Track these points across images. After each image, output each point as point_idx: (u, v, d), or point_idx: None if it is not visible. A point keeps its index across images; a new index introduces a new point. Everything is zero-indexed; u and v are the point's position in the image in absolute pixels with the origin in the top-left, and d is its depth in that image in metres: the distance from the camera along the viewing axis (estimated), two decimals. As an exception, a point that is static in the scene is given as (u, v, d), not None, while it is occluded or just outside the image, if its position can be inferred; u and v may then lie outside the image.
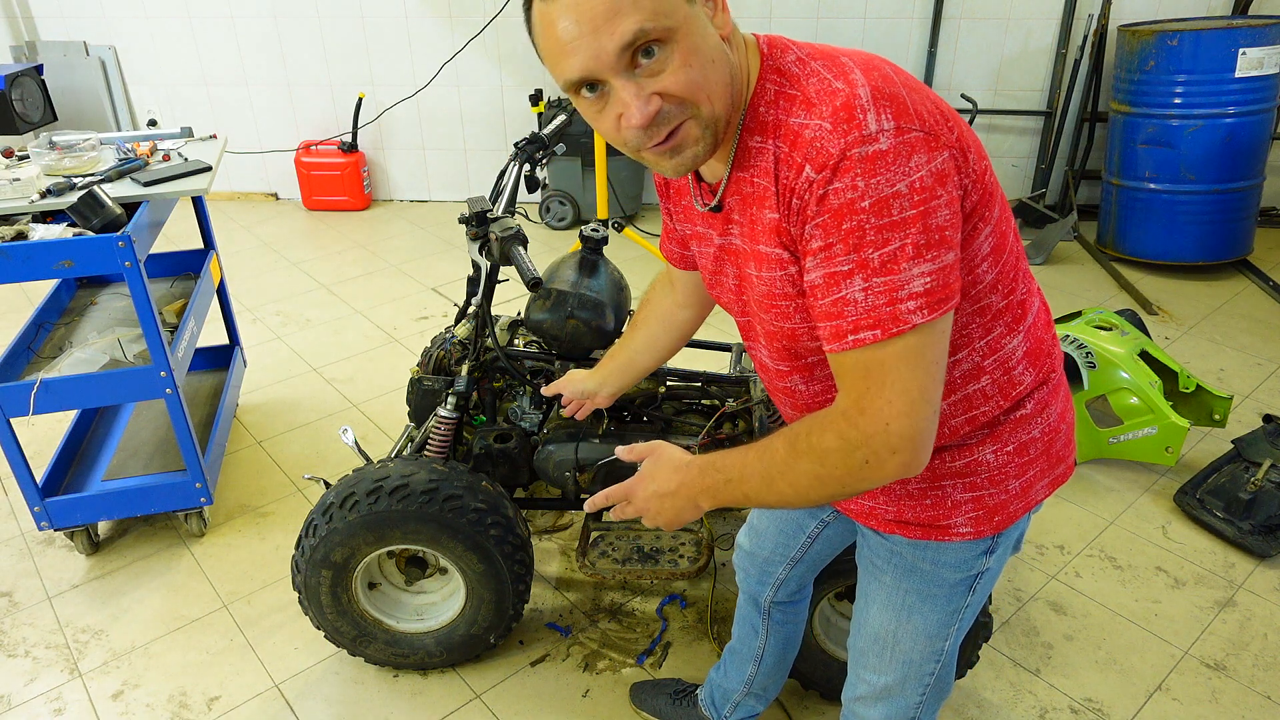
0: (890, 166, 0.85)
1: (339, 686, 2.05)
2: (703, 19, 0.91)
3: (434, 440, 2.01)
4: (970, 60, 4.58)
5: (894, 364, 0.90)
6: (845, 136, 0.86)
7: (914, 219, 0.86)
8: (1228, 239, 3.99)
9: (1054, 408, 1.13)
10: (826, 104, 0.89)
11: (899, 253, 0.86)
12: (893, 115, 0.86)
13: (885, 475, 0.94)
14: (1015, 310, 1.05)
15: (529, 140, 2.06)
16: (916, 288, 0.87)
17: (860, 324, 0.89)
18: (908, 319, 0.88)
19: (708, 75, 0.91)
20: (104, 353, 2.36)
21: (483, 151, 5.08)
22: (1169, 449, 2.63)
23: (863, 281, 0.88)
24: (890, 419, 0.91)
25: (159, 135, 2.74)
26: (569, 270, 2.01)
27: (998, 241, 0.99)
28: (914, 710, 1.31)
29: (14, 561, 2.45)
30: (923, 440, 0.92)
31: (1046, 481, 1.15)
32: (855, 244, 0.87)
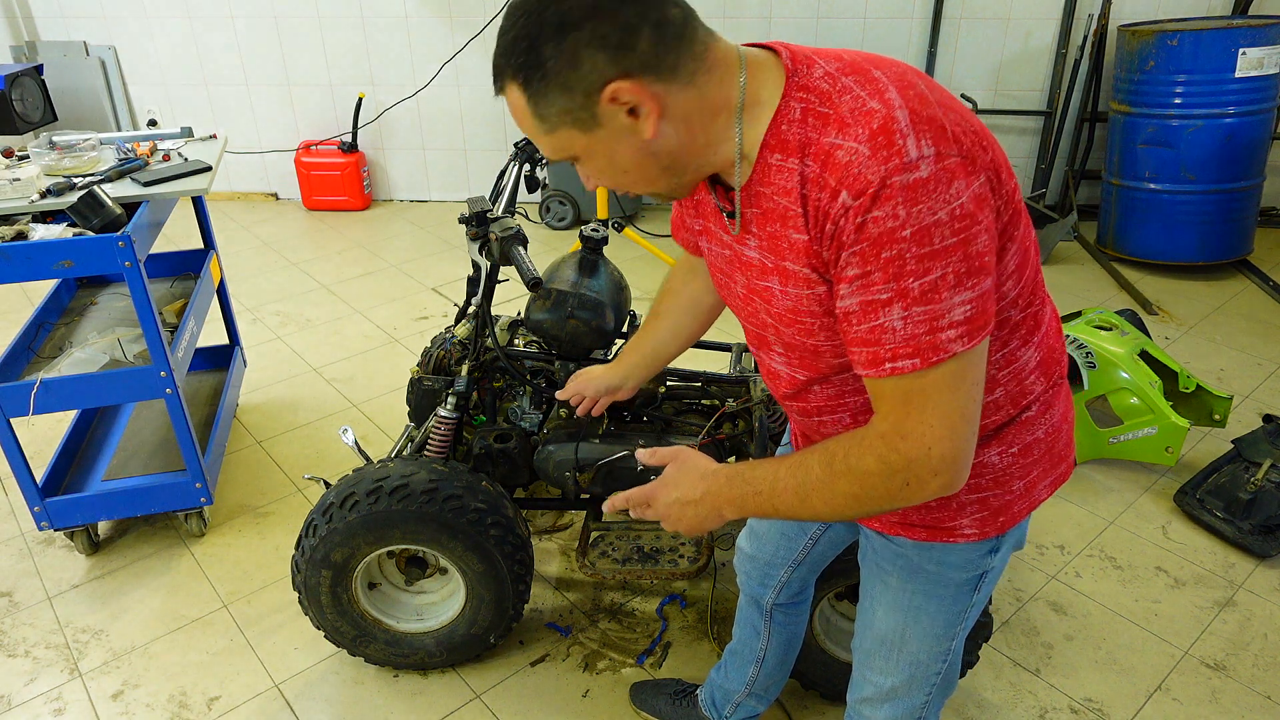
0: (932, 195, 0.84)
1: (339, 686, 2.05)
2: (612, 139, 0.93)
3: (434, 440, 2.01)
4: (970, 60, 4.58)
5: (934, 390, 0.89)
6: (886, 164, 0.84)
7: (955, 247, 0.85)
8: (1228, 239, 3.99)
9: (1057, 408, 1.13)
10: (863, 126, 0.86)
11: (940, 282, 0.86)
12: (932, 141, 0.85)
13: (926, 496, 0.94)
14: (1031, 322, 1.06)
15: (529, 140, 2.06)
16: (957, 316, 0.87)
17: (899, 352, 0.88)
18: (948, 348, 0.87)
19: (625, 179, 0.98)
20: (104, 353, 2.36)
21: (483, 151, 5.08)
22: (1169, 449, 2.63)
23: (902, 310, 0.87)
24: (932, 443, 0.90)
25: (159, 135, 2.74)
26: (569, 270, 2.01)
27: (1022, 258, 0.99)
28: (920, 710, 1.31)
29: (14, 561, 2.45)
30: (964, 461, 0.93)
31: (1049, 481, 1.15)
32: (895, 273, 0.86)
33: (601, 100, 0.89)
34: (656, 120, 0.91)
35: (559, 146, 0.95)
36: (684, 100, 0.92)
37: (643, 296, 3.90)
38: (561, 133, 0.93)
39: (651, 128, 0.91)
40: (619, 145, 0.94)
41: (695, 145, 0.96)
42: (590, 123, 0.92)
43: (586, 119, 0.91)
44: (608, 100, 0.89)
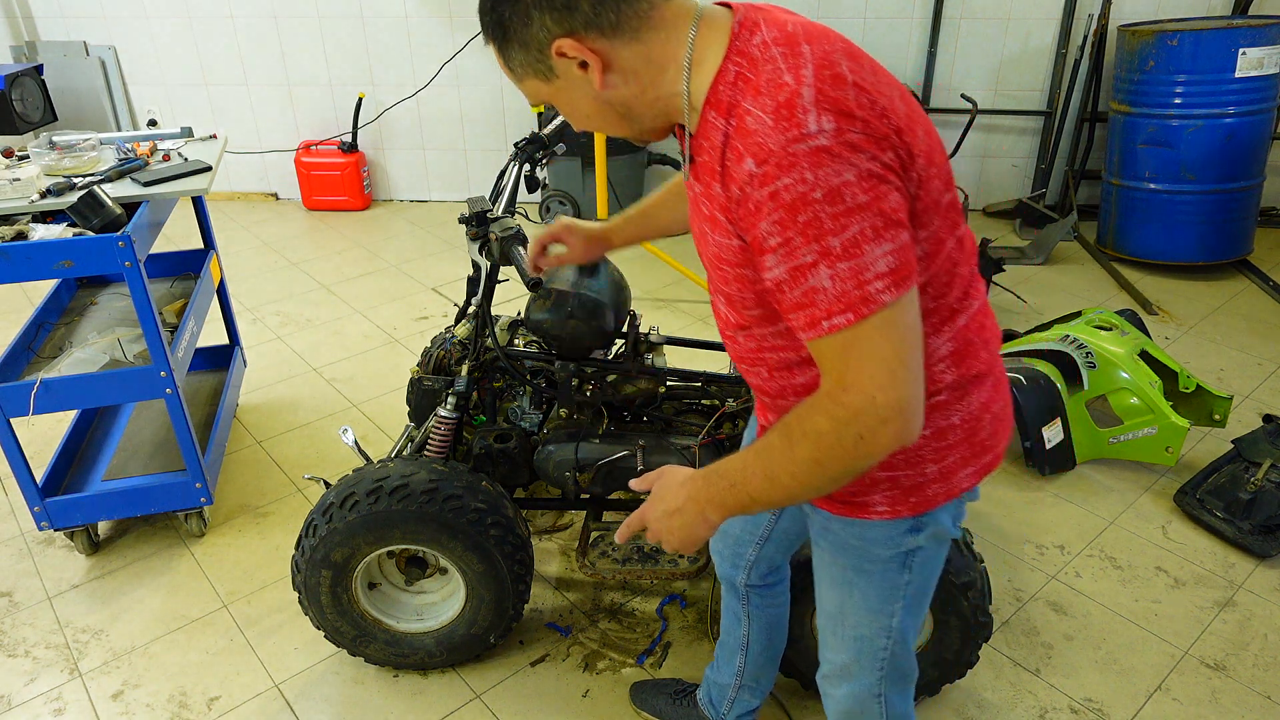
0: (836, 159, 0.89)
1: (339, 686, 2.05)
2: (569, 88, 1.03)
3: (434, 440, 2.01)
4: (970, 60, 4.58)
5: (869, 341, 0.92)
6: (786, 133, 0.90)
7: (869, 204, 0.90)
8: (1228, 239, 3.99)
9: (975, 397, 1.15)
10: (772, 97, 0.92)
11: (859, 236, 0.90)
12: (833, 118, 0.90)
13: (881, 447, 0.95)
14: (943, 313, 1.08)
15: (529, 140, 2.06)
16: (881, 268, 0.91)
17: (833, 310, 0.92)
18: (878, 299, 0.91)
19: (589, 123, 1.09)
20: (104, 353, 2.36)
21: (483, 151, 5.08)
22: (1169, 449, 2.63)
23: (828, 269, 0.91)
24: (875, 391, 0.93)
25: (159, 135, 2.74)
26: (569, 270, 2.01)
27: (931, 249, 1.03)
28: (876, 688, 1.34)
29: (14, 561, 2.45)
30: (911, 406, 0.95)
31: (971, 470, 1.18)
32: (815, 234, 0.90)
33: (552, 55, 1.00)
34: (601, 74, 1.00)
35: (531, 93, 1.07)
36: (629, 55, 1.00)
37: (643, 296, 3.90)
38: (528, 82, 1.05)
39: (598, 80, 1.00)
40: (575, 94, 1.04)
41: (646, 96, 1.03)
42: (549, 74, 1.03)
43: (545, 71, 1.02)
44: (557, 55, 0.99)
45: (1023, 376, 2.71)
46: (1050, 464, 2.71)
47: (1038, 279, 4.07)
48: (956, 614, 1.78)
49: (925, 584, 1.26)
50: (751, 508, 1.07)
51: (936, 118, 4.72)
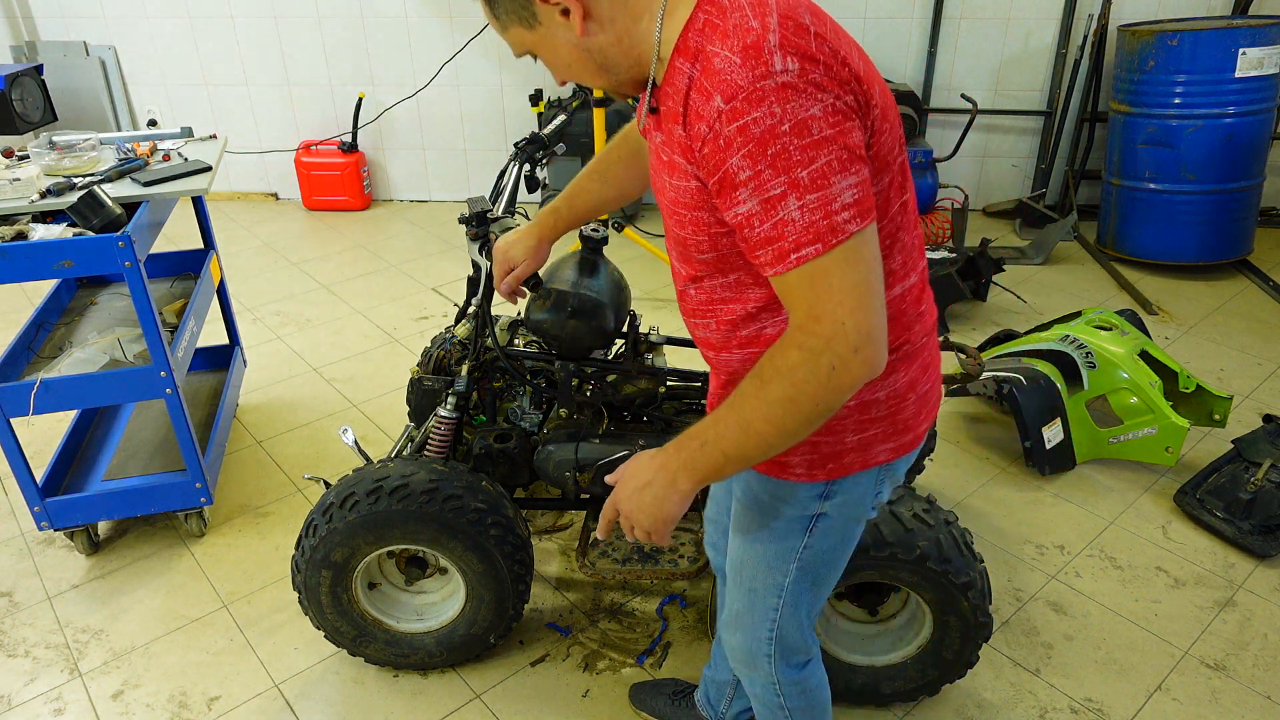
0: (802, 94, 0.92)
1: (339, 686, 2.05)
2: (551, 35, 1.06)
3: (434, 440, 2.01)
4: (970, 60, 4.58)
5: (836, 269, 0.95)
6: (754, 71, 0.93)
7: (834, 136, 0.93)
8: (1228, 239, 3.99)
9: (902, 375, 1.17)
10: (739, 39, 0.95)
11: (826, 168, 0.93)
12: (797, 59, 0.93)
13: (854, 376, 0.97)
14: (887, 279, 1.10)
15: (529, 140, 2.06)
16: (847, 199, 0.94)
17: (801, 241, 0.94)
18: (844, 228, 0.94)
19: (569, 72, 1.11)
20: (104, 353, 2.36)
21: (483, 151, 5.08)
22: (1169, 449, 2.63)
23: (797, 200, 0.93)
24: (844, 317, 0.95)
25: (159, 135, 2.74)
26: (569, 270, 2.01)
27: (880, 204, 1.05)
28: (767, 646, 1.38)
29: (14, 561, 2.45)
30: (878, 334, 0.97)
31: (890, 446, 1.20)
32: (785, 165, 0.93)
33: (535, 3, 1.03)
34: (582, 20, 1.03)
35: (515, 41, 1.10)
36: (608, 3, 1.03)
37: (643, 296, 3.90)
38: (513, 30, 1.08)
39: (579, 26, 1.03)
40: (558, 42, 1.07)
41: (623, 45, 1.06)
42: (532, 20, 1.05)
43: (529, 18, 1.05)
44: (539, 3, 1.03)
45: (1023, 376, 2.71)
46: (1050, 464, 2.71)
47: (1038, 279, 4.07)
48: (956, 614, 1.78)
49: (825, 555, 1.30)
50: (725, 467, 1.06)
51: (936, 118, 4.72)
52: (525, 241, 1.72)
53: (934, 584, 1.74)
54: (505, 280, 1.75)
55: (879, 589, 1.91)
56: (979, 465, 2.80)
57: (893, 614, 1.95)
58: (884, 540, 1.72)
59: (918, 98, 4.45)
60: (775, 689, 1.44)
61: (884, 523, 1.73)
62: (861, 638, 1.95)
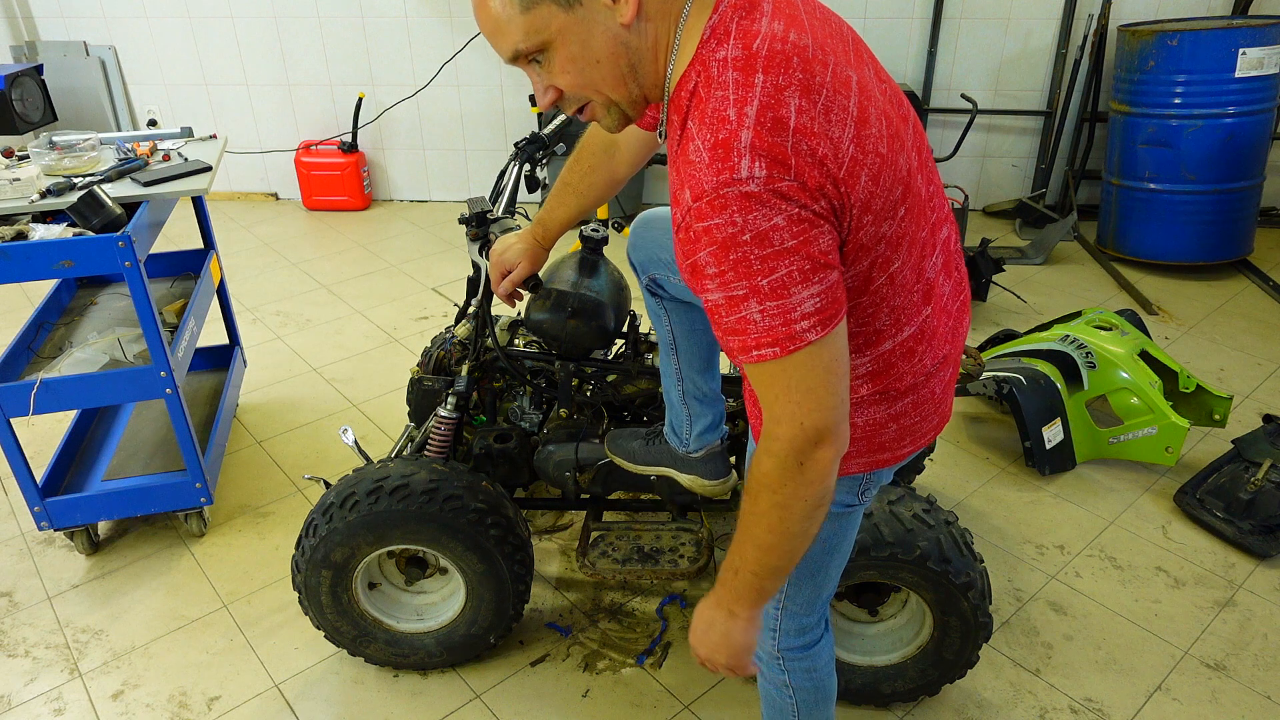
0: (764, 205, 0.90)
1: (339, 686, 2.05)
2: (590, 20, 0.95)
3: (434, 440, 2.01)
4: (970, 60, 4.58)
5: (796, 374, 0.97)
6: (719, 175, 0.91)
7: (797, 247, 0.92)
8: (1228, 239, 3.99)
9: (880, 409, 1.18)
10: (711, 133, 0.92)
11: (787, 279, 0.93)
12: (766, 166, 0.90)
13: (824, 467, 1.00)
14: (869, 336, 1.11)
15: (529, 140, 2.06)
16: (808, 309, 0.94)
17: (761, 341, 0.96)
18: (803, 337, 0.95)
19: (591, 75, 0.99)
20: (104, 353, 2.36)
21: (483, 151, 5.08)
22: (1169, 449, 2.63)
23: (758, 304, 0.94)
24: (802, 418, 0.98)
25: (159, 135, 2.74)
26: (569, 270, 2.01)
27: (858, 284, 1.05)
28: (771, 621, 1.40)
29: (14, 561, 2.45)
30: (838, 426, 1.00)
31: (863, 461, 1.22)
32: (746, 272, 0.93)
33: None
34: (636, 6, 0.95)
35: (535, 27, 0.94)
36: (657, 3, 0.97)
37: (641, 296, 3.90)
38: (542, 9, 0.93)
39: (631, 10, 0.94)
40: (595, 28, 0.95)
41: (655, 50, 1.00)
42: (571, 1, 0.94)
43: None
44: None
45: (1023, 376, 2.71)
46: (1050, 464, 2.71)
47: (1038, 279, 4.07)
48: (956, 614, 1.78)
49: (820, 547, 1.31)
50: (764, 584, 1.10)
51: (936, 118, 4.72)
52: (520, 245, 1.75)
53: (934, 584, 1.74)
54: (502, 283, 1.77)
55: (879, 589, 1.91)
56: (979, 465, 2.80)
57: (893, 614, 1.95)
58: (884, 540, 1.72)
59: (918, 98, 4.45)
60: (779, 664, 1.46)
61: (884, 523, 1.73)
62: (862, 638, 1.95)
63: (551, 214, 1.70)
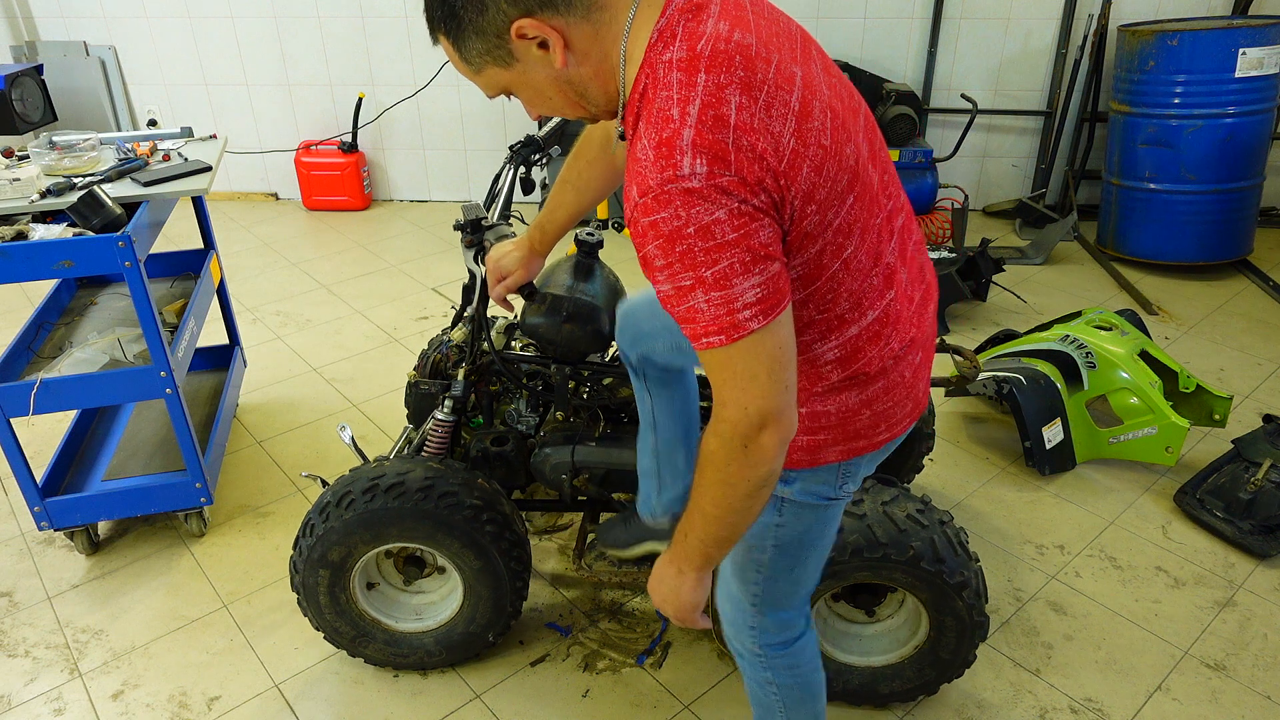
0: (705, 200, 0.95)
1: (339, 686, 2.05)
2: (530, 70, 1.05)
3: (431, 442, 2.02)
4: (970, 60, 4.58)
5: (740, 360, 1.01)
6: (663, 173, 0.95)
7: (736, 240, 0.96)
8: (1228, 239, 3.99)
9: (852, 395, 1.21)
10: (656, 131, 0.97)
11: (729, 270, 0.97)
12: (707, 163, 0.94)
13: (768, 451, 1.04)
14: (833, 322, 1.15)
15: (523, 143, 2.06)
16: (750, 299, 0.98)
17: (709, 330, 1.00)
18: (746, 325, 0.99)
19: (550, 105, 1.11)
20: (104, 353, 2.36)
21: (483, 152, 5.08)
22: (1169, 449, 2.63)
23: (704, 294, 0.98)
24: (747, 403, 1.02)
25: (159, 135, 2.74)
26: (564, 274, 2.01)
27: (810, 271, 1.09)
28: (750, 618, 1.43)
29: (14, 561, 2.45)
30: (781, 412, 1.03)
31: (840, 449, 1.25)
32: (690, 264, 0.97)
33: (512, 38, 1.00)
34: (563, 50, 1.02)
35: (491, 84, 1.08)
36: (583, 34, 1.02)
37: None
38: (488, 71, 1.06)
39: (560, 57, 1.02)
40: (537, 76, 1.05)
41: (600, 75, 1.06)
42: (508, 59, 1.04)
43: (504, 56, 1.03)
44: (516, 37, 1.00)
45: (1023, 376, 2.71)
46: (1050, 464, 2.71)
47: (1038, 279, 4.07)
48: (952, 614, 1.78)
49: (800, 535, 1.34)
50: (710, 550, 1.16)
51: (936, 118, 4.72)
52: (517, 253, 1.77)
53: (928, 584, 1.74)
54: (497, 288, 1.79)
55: (875, 590, 1.91)
56: (979, 465, 2.80)
57: (889, 615, 1.95)
58: (877, 541, 1.72)
59: (918, 98, 4.45)
60: (761, 662, 1.48)
61: (877, 524, 1.73)
62: (858, 638, 1.95)
63: (550, 216, 1.72)
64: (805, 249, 1.06)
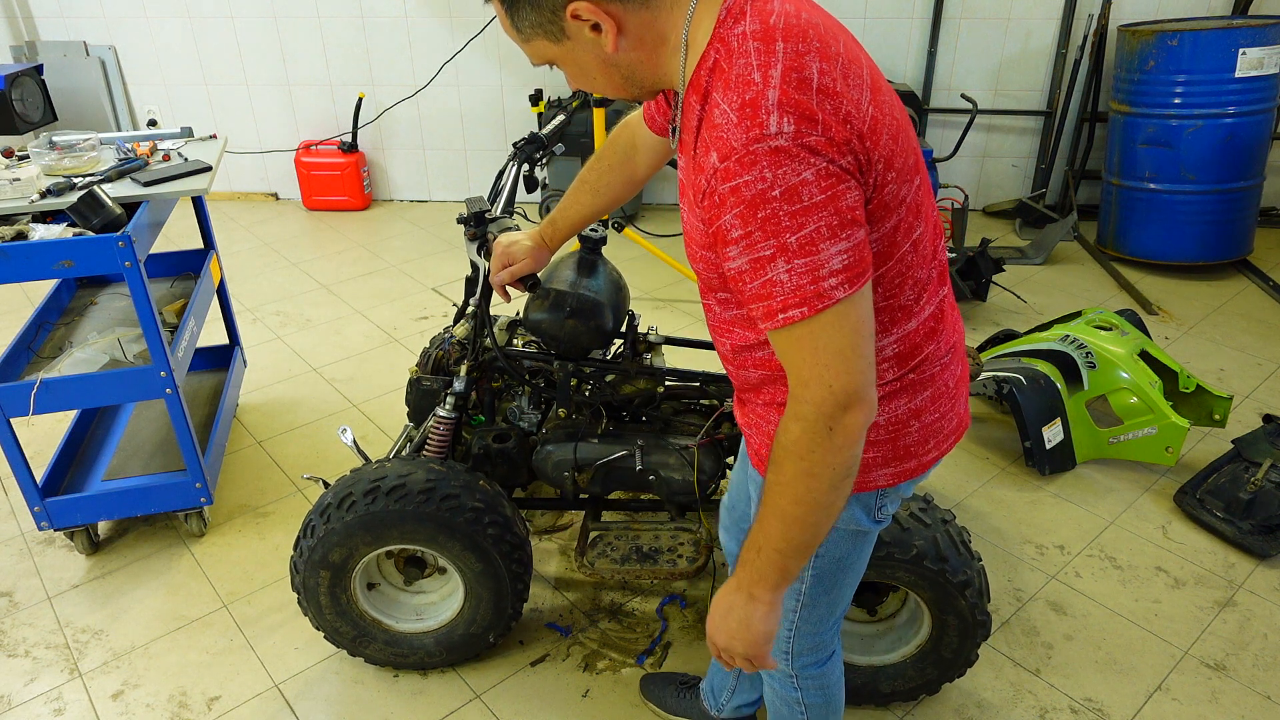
0: (794, 159, 0.92)
1: (339, 686, 2.05)
2: (579, 49, 1.05)
3: (432, 440, 2.01)
4: (970, 60, 4.58)
5: (824, 334, 0.96)
6: (748, 133, 0.93)
7: (824, 203, 0.93)
8: (1228, 239, 3.99)
9: (902, 403, 1.17)
10: (739, 94, 0.95)
11: (815, 235, 0.93)
12: (794, 121, 0.93)
13: (853, 433, 0.99)
14: (895, 313, 1.11)
15: (527, 140, 2.06)
16: (836, 265, 0.94)
17: (789, 303, 0.95)
18: (831, 294, 0.94)
19: (593, 84, 1.11)
20: (104, 353, 2.36)
21: (483, 151, 5.08)
22: (1169, 449, 2.63)
23: (785, 264, 0.94)
24: (831, 380, 0.97)
25: (159, 135, 2.74)
26: (567, 270, 2.01)
27: (884, 248, 1.05)
28: (784, 644, 1.41)
29: (14, 561, 2.45)
30: (865, 389, 0.98)
31: (889, 471, 1.20)
32: (774, 230, 0.93)
33: (566, 17, 1.01)
34: (615, 36, 1.02)
35: (537, 53, 1.08)
36: (639, 20, 1.02)
37: (642, 296, 3.90)
38: (536, 43, 1.06)
39: (611, 42, 1.02)
40: (585, 56, 1.06)
41: (650, 62, 1.07)
42: (559, 35, 1.04)
43: (556, 32, 1.03)
44: (571, 17, 1.01)
45: (1023, 376, 2.71)
46: (1050, 464, 2.71)
47: (1038, 279, 4.07)
48: (954, 613, 1.78)
49: (836, 563, 1.31)
50: (787, 563, 1.08)
51: (936, 118, 4.72)
52: (526, 243, 1.76)
53: (931, 583, 1.74)
54: (500, 274, 1.77)
55: (877, 588, 1.91)
56: (979, 465, 2.80)
57: (891, 613, 1.95)
58: (880, 540, 1.72)
59: (918, 98, 4.45)
60: (794, 683, 1.47)
61: (882, 522, 1.73)
62: (860, 637, 1.95)
63: (564, 213, 1.72)
64: (883, 221, 1.03)
